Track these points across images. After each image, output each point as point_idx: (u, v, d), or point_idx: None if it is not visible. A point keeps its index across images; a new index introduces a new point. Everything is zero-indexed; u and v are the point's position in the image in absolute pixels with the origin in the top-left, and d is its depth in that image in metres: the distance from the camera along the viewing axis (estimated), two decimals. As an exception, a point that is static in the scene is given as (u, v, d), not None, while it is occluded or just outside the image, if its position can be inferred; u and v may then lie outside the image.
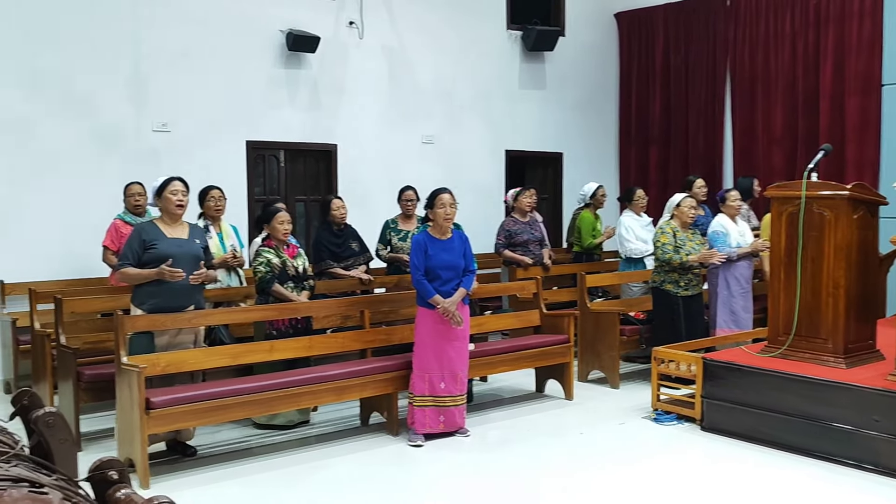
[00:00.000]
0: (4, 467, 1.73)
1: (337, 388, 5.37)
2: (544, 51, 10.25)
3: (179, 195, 5.07)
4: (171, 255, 4.86)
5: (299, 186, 8.83)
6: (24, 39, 6.91)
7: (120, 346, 4.74)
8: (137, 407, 4.54)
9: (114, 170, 7.19)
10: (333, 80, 8.70)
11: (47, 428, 2.55)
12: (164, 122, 7.63)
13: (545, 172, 10.84)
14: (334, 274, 6.67)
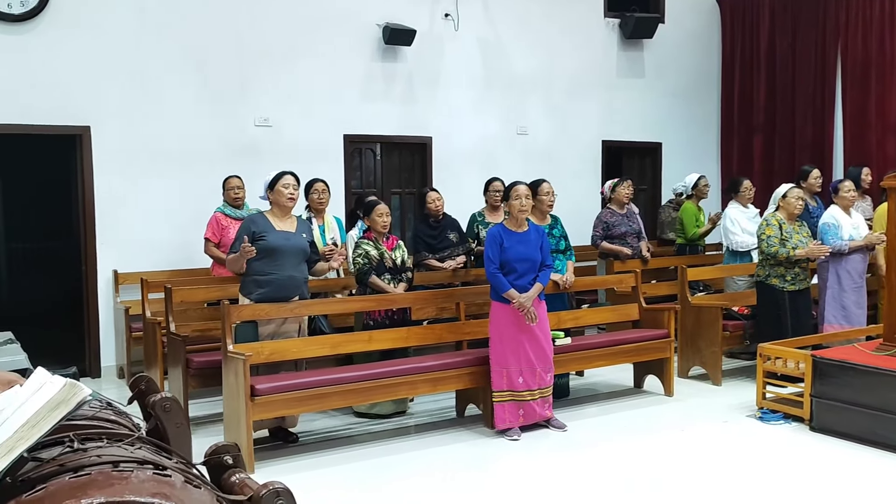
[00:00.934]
0: (129, 449, 1.80)
1: (433, 379, 5.39)
2: (643, 38, 10.01)
3: (291, 189, 5.20)
4: (278, 248, 5.01)
5: (394, 179, 8.92)
6: (133, 40, 7.19)
7: (226, 335, 4.90)
8: (243, 394, 4.68)
9: (218, 164, 7.42)
10: (429, 73, 8.74)
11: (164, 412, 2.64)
12: (266, 118, 7.83)
13: (643, 163, 10.60)
14: (430, 265, 6.70)
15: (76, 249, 7.63)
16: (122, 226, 7.19)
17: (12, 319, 6.31)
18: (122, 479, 1.58)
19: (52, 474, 1.54)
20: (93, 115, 7.06)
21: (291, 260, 5.12)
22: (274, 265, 5.09)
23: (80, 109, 7.00)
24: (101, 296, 7.18)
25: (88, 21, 6.98)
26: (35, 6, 6.72)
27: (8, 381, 2.57)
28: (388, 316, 5.81)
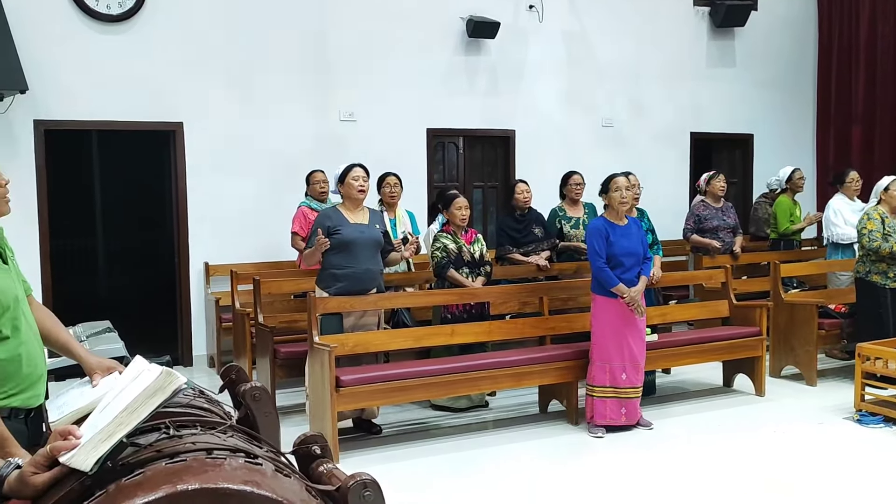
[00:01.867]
0: (222, 437, 1.83)
1: (516, 374, 5.36)
2: (734, 27, 9.69)
3: (361, 181, 5.23)
4: (353, 241, 5.06)
5: (477, 173, 8.89)
6: (224, 38, 7.38)
7: (312, 326, 4.98)
8: (328, 384, 4.74)
9: (304, 159, 7.54)
10: (512, 66, 8.68)
11: (254, 401, 2.69)
12: (351, 112, 7.92)
13: (732, 155, 10.28)
14: (513, 259, 6.66)
15: (170, 242, 7.89)
16: (212, 219, 7.39)
17: (110, 309, 6.57)
18: (216, 466, 1.61)
19: (150, 459, 1.58)
20: (185, 111, 7.27)
21: (367, 252, 5.16)
22: (350, 258, 5.13)
23: (174, 106, 7.23)
24: (193, 287, 7.41)
25: (182, 21, 7.19)
26: (132, 7, 6.96)
27: (107, 367, 2.67)
28: (466, 310, 5.79)
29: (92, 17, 6.86)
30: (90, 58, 6.87)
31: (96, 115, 6.99)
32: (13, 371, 2.32)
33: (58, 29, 6.74)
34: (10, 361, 2.31)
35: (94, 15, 6.86)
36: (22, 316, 2.38)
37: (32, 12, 6.54)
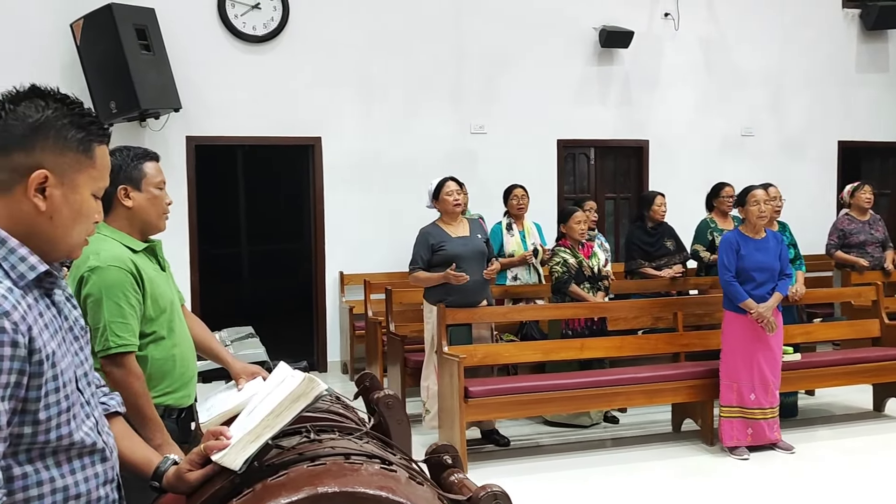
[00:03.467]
0: (359, 443, 1.89)
1: (648, 391, 5.23)
2: (887, 29, 9.12)
3: (455, 194, 5.26)
4: (459, 255, 5.07)
5: (608, 184, 8.77)
6: (360, 56, 7.62)
7: (442, 336, 5.04)
8: (457, 395, 4.79)
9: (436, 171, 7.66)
10: (646, 75, 8.51)
11: (387, 409, 2.75)
12: (481, 125, 7.99)
13: (885, 165, 9.65)
14: (645, 273, 6.50)
15: (307, 251, 8.20)
16: (347, 229, 7.63)
17: (251, 314, 6.90)
18: (354, 470, 1.66)
19: (292, 461, 1.65)
20: (323, 126, 7.56)
21: (473, 264, 5.15)
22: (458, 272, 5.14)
23: (312, 122, 7.53)
24: (329, 295, 7.67)
25: (321, 39, 7.48)
26: (275, 28, 7.31)
27: (251, 372, 2.81)
28: (587, 325, 5.68)
29: (239, 38, 7.26)
30: (237, 76, 7.27)
31: (242, 131, 7.38)
32: (168, 370, 2.48)
33: (208, 50, 7.16)
34: (166, 361, 2.48)
35: (241, 36, 7.25)
36: (177, 319, 2.55)
37: (186, 36, 6.98)
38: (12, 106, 1.42)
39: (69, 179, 1.44)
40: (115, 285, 2.32)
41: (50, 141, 1.42)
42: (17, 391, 1.32)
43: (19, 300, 1.35)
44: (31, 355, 1.33)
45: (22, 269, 1.40)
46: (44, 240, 1.44)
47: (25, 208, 1.41)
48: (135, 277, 2.37)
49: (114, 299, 2.31)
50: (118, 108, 6.36)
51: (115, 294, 2.32)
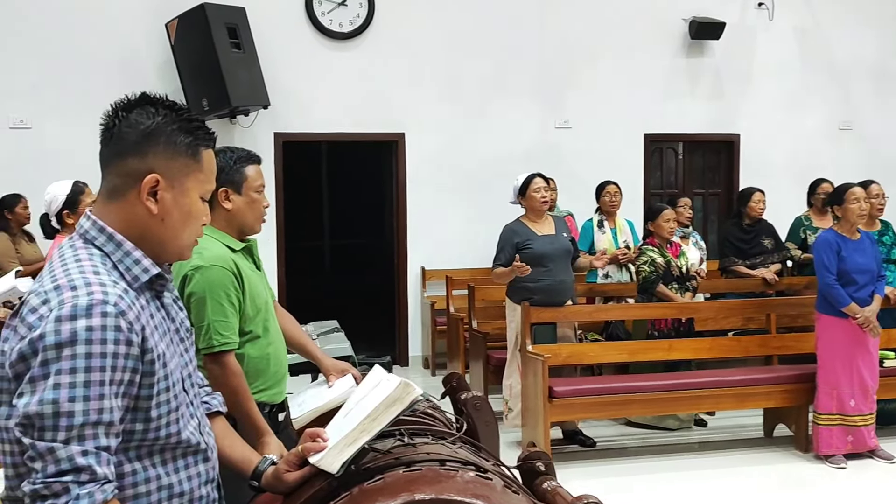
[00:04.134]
0: (452, 448, 1.88)
1: (739, 394, 5.07)
2: None
3: (542, 191, 5.15)
4: (545, 254, 4.99)
5: (697, 179, 8.53)
6: (444, 52, 7.61)
7: (526, 335, 4.99)
8: (541, 394, 4.74)
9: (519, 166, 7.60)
10: (738, 67, 8.24)
11: (475, 410, 2.73)
12: (566, 120, 7.88)
13: None
14: (739, 272, 6.30)
15: (389, 246, 8.26)
16: (430, 225, 7.64)
17: (334, 308, 6.97)
18: (449, 477, 1.65)
19: (388, 466, 1.65)
20: (407, 122, 7.59)
21: (559, 263, 5.07)
22: (544, 271, 5.05)
23: (396, 117, 7.57)
24: (411, 290, 7.71)
25: (405, 36, 7.51)
26: (361, 25, 7.37)
27: (341, 370, 2.82)
28: (674, 327, 5.52)
29: (325, 35, 7.34)
30: (323, 73, 7.36)
31: (327, 128, 7.47)
32: (263, 368, 2.52)
33: (296, 48, 7.27)
34: (261, 359, 2.52)
35: (327, 33, 7.34)
36: (271, 318, 2.59)
37: (274, 34, 7.10)
38: (125, 114, 1.48)
39: (179, 183, 1.49)
40: (218, 284, 2.37)
41: (161, 146, 1.47)
42: (130, 389, 1.36)
43: (134, 301, 1.39)
44: (143, 354, 1.37)
45: (136, 271, 1.45)
46: (155, 242, 1.49)
47: (139, 212, 1.46)
48: (236, 277, 2.41)
49: (216, 298, 2.36)
50: (210, 106, 6.52)
51: (218, 293, 2.36)
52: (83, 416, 1.28)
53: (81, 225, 1.48)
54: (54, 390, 1.27)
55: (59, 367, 1.27)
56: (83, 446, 1.28)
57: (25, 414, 1.27)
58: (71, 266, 1.40)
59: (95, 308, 1.31)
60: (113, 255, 1.45)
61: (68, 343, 1.28)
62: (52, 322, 1.29)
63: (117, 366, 1.32)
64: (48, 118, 6.79)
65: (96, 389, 1.29)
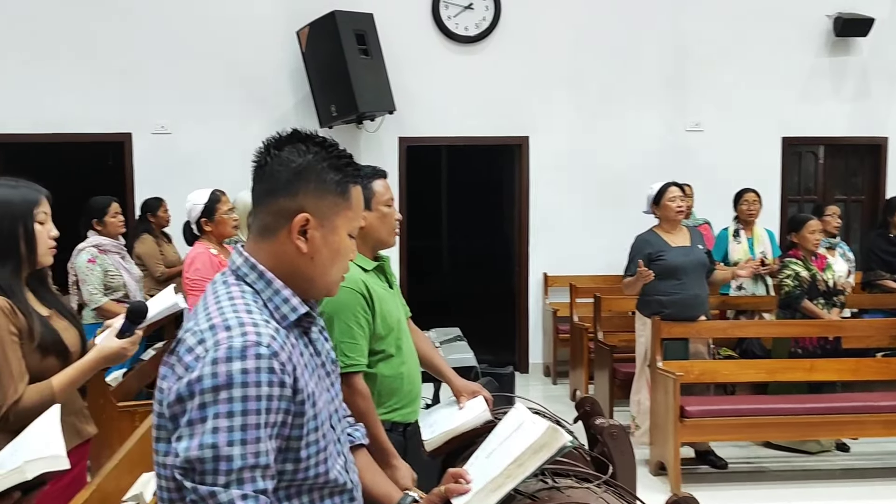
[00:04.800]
0: (598, 493, 1.79)
1: (887, 420, 4.71)
2: None
3: (678, 201, 4.94)
4: (679, 266, 4.80)
5: (839, 185, 8.03)
6: (569, 54, 7.46)
7: (656, 350, 4.81)
8: (672, 413, 4.55)
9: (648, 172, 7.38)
10: (887, 65, 7.69)
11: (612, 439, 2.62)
12: (698, 122, 7.58)
13: None
14: (886, 287, 5.87)
15: (510, 251, 8.19)
16: (553, 230, 7.52)
17: (453, 309, 6.97)
18: (598, 528, 1.57)
19: (534, 513, 1.59)
20: (532, 125, 7.49)
21: (693, 276, 4.85)
22: (677, 284, 4.85)
23: (521, 121, 7.48)
24: (532, 297, 7.61)
25: (532, 38, 7.40)
26: (486, 28, 7.32)
27: (472, 391, 2.77)
28: (820, 345, 5.18)
29: (451, 39, 7.34)
30: (447, 77, 7.36)
31: (450, 131, 7.47)
32: (396, 388, 2.51)
33: (421, 52, 7.30)
34: (395, 378, 2.50)
35: (452, 37, 7.33)
36: (404, 337, 2.57)
37: (401, 39, 7.15)
38: (277, 151, 1.48)
39: (328, 221, 1.48)
40: (347, 306, 2.37)
41: (311, 185, 1.47)
42: (283, 430, 1.36)
43: (284, 340, 1.39)
44: (294, 395, 1.37)
45: (285, 310, 1.45)
46: (305, 279, 1.49)
47: (289, 250, 1.46)
48: (365, 298, 2.41)
49: (344, 320, 2.36)
50: (338, 112, 6.63)
51: (346, 315, 2.36)
52: (241, 460, 1.28)
53: (234, 261, 1.50)
54: (213, 434, 1.27)
55: (216, 410, 1.28)
56: (242, 490, 1.28)
57: (186, 458, 1.28)
58: (224, 304, 1.40)
59: (249, 350, 1.31)
60: (263, 293, 1.45)
61: (225, 386, 1.29)
62: (209, 364, 1.30)
63: (271, 408, 1.32)
64: (186, 124, 7.09)
65: (253, 433, 1.29)
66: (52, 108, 6.90)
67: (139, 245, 5.90)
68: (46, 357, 2.21)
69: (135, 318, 2.30)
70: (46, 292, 2.35)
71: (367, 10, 6.86)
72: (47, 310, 2.31)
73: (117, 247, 5.01)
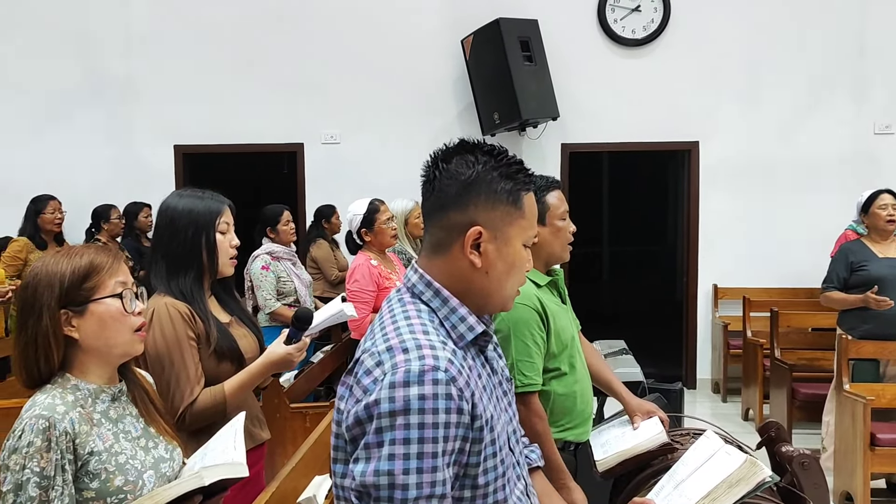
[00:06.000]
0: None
1: None
2: None
3: (889, 209, 4.52)
4: (882, 278, 4.38)
5: None
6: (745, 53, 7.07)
7: (843, 371, 4.44)
8: (860, 440, 4.18)
9: (830, 178, 6.89)
10: None
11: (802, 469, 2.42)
12: (888, 125, 6.98)
13: None
14: None
15: (673, 259, 7.87)
16: (724, 239, 7.15)
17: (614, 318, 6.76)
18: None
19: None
20: (702, 129, 7.17)
21: None
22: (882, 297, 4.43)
23: (689, 125, 7.17)
24: (701, 308, 7.27)
25: (703, 39, 7.08)
26: (655, 30, 7.08)
27: (647, 411, 2.64)
28: None
29: (617, 42, 7.15)
30: (612, 82, 7.17)
31: (614, 137, 7.28)
32: (569, 407, 2.42)
33: (586, 57, 7.16)
34: (567, 397, 2.42)
35: (619, 41, 7.14)
36: (577, 355, 2.48)
37: (565, 44, 7.03)
38: (445, 164, 1.44)
39: (501, 233, 1.43)
40: (523, 323, 2.31)
41: (482, 196, 1.41)
42: (461, 457, 1.31)
43: (462, 363, 1.34)
44: (473, 421, 1.32)
45: (462, 329, 1.41)
46: (480, 295, 1.44)
47: (462, 265, 1.42)
48: (540, 315, 2.34)
49: (521, 337, 2.30)
50: (501, 119, 6.62)
51: (522, 332, 2.31)
52: (417, 490, 1.25)
53: (409, 278, 1.47)
54: (389, 461, 1.25)
55: (392, 436, 1.25)
56: None
57: (362, 483, 1.27)
58: (401, 324, 1.38)
59: (427, 375, 1.28)
60: (439, 312, 1.42)
61: (402, 412, 1.26)
62: (387, 388, 1.28)
63: (449, 436, 1.28)
64: (354, 133, 7.31)
65: (429, 462, 1.25)
66: (233, 121, 7.31)
67: (315, 249, 6.13)
68: (222, 362, 2.28)
69: (301, 325, 2.34)
70: (230, 299, 2.44)
71: (531, 16, 6.81)
72: (228, 316, 2.39)
73: (289, 254, 5.21)
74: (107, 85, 7.28)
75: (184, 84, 7.25)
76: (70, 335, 1.65)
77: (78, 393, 1.66)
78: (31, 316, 1.63)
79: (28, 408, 1.61)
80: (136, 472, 1.66)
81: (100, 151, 7.30)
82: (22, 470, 1.53)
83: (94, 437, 1.63)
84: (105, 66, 7.27)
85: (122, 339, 1.69)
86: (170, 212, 2.30)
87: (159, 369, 2.13)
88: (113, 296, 1.67)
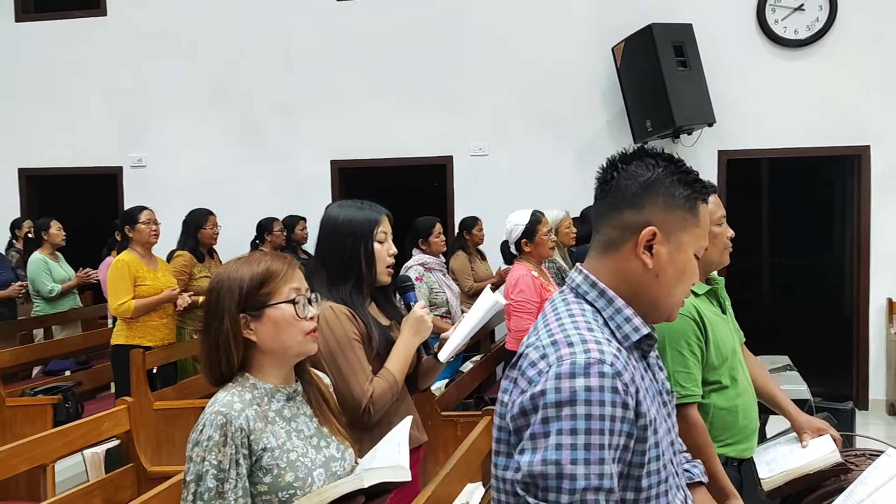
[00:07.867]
0: None
1: None
2: None
3: None
4: None
5: None
6: None
7: None
8: None
9: None
10: None
11: None
12: None
13: None
14: None
15: (840, 271, 7.39)
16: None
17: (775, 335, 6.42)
18: None
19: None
20: (873, 133, 6.71)
21: None
22: None
23: (860, 129, 6.72)
24: (873, 324, 6.79)
25: (875, 36, 6.62)
26: (820, 29, 6.69)
27: (817, 428, 2.49)
28: None
29: (778, 44, 6.81)
30: (773, 85, 6.83)
31: (774, 143, 6.97)
32: (731, 422, 2.32)
33: (744, 60, 6.86)
34: (729, 412, 2.32)
35: (779, 42, 6.80)
36: (739, 367, 2.38)
37: (722, 47, 6.77)
38: (623, 166, 1.44)
39: (675, 238, 1.41)
40: (679, 332, 2.24)
41: (659, 199, 1.40)
42: (625, 454, 1.29)
43: (626, 361, 1.32)
44: (637, 419, 1.30)
45: (627, 329, 1.39)
46: (648, 299, 1.42)
47: (633, 266, 1.41)
48: (698, 324, 2.26)
49: (676, 347, 2.23)
50: (653, 126, 6.46)
51: (678, 342, 2.23)
52: (585, 480, 1.23)
53: (573, 279, 1.47)
54: (556, 451, 1.24)
55: (559, 426, 1.24)
56: None
57: (529, 472, 1.26)
58: (565, 321, 1.38)
59: (593, 367, 1.26)
60: (604, 312, 1.40)
61: (568, 402, 1.25)
62: (553, 379, 1.27)
63: (614, 429, 1.26)
64: (502, 145, 7.34)
65: (596, 453, 1.23)
66: (386, 135, 7.53)
67: (453, 261, 6.21)
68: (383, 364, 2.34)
69: (402, 289, 2.52)
70: (388, 305, 2.51)
71: (685, 20, 6.61)
72: (388, 321, 2.46)
73: (440, 265, 5.30)
74: (269, 106, 7.70)
75: (340, 101, 7.56)
76: (249, 338, 1.75)
77: (255, 391, 1.75)
78: (214, 319, 1.75)
79: (210, 404, 1.72)
80: (306, 469, 1.73)
81: (259, 167, 7.71)
82: (202, 462, 1.63)
83: (267, 433, 1.71)
84: (265, 88, 7.70)
85: (295, 341, 1.77)
86: (331, 222, 2.39)
87: (335, 367, 2.21)
88: (287, 301, 1.76)
